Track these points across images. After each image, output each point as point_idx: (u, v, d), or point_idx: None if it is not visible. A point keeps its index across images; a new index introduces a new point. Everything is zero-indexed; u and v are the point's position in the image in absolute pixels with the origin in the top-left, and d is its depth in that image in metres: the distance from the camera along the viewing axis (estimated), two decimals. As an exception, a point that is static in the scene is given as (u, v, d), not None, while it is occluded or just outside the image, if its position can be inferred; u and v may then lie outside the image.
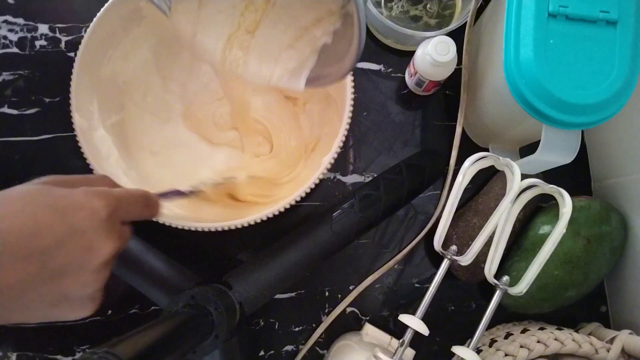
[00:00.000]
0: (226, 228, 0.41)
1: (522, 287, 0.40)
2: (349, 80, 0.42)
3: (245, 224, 0.41)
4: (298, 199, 0.41)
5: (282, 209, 0.41)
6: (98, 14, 0.43)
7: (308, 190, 0.41)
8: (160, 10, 0.35)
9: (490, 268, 0.42)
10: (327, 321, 0.49)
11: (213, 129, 0.52)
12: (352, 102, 0.42)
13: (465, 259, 0.42)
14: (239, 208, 0.48)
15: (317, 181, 0.41)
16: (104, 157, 0.45)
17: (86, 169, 0.44)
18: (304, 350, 0.48)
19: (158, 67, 0.49)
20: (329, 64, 0.34)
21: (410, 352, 0.45)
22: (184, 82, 0.51)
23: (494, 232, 0.42)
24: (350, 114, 0.42)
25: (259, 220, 0.41)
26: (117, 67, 0.46)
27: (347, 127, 0.41)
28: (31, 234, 0.23)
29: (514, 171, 0.40)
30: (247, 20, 0.36)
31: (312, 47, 0.35)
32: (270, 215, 0.41)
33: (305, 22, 0.35)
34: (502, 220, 0.41)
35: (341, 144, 0.41)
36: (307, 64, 0.35)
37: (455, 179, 0.42)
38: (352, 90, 0.42)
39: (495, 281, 0.42)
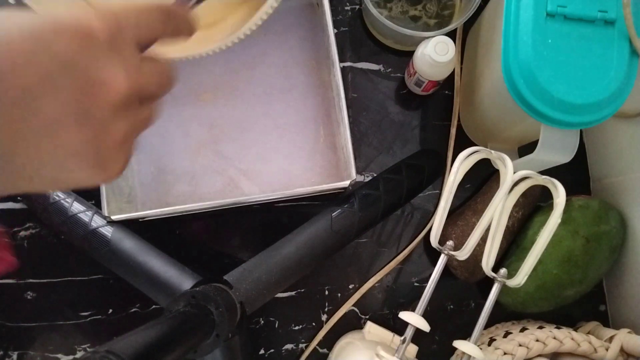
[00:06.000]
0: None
1: (519, 278, 0.40)
2: None
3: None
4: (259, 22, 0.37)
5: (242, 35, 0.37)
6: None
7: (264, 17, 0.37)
8: None
9: (487, 261, 0.42)
10: (330, 322, 0.49)
11: None
12: None
13: (462, 254, 0.43)
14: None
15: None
16: None
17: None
18: (307, 352, 0.49)
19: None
20: None
21: (413, 348, 0.45)
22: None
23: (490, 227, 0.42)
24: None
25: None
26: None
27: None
28: (8, 72, 0.17)
29: (507, 164, 0.40)
30: None
31: None
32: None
33: None
34: (497, 213, 0.41)
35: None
36: None
37: (454, 178, 0.42)
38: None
39: (493, 274, 0.42)
